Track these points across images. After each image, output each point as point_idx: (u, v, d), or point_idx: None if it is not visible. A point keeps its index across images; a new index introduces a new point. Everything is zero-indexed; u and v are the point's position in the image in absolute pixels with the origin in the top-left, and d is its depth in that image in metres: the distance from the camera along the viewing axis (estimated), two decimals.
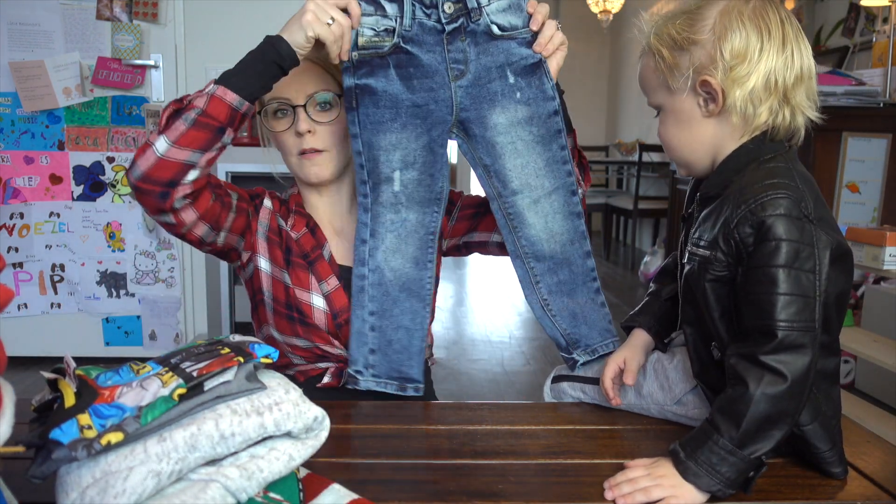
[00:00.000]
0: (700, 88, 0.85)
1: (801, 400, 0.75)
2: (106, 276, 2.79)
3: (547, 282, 1.08)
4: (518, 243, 1.07)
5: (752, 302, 0.78)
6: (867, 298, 2.47)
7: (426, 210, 1.07)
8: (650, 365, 0.99)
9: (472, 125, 1.03)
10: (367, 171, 1.04)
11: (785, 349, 0.74)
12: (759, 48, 0.81)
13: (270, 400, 0.64)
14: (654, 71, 0.89)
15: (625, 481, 0.77)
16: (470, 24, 0.97)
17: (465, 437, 0.91)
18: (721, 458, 0.74)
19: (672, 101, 0.88)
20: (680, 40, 0.85)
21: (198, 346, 0.71)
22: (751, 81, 0.81)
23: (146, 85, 2.69)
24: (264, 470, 0.63)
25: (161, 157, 0.90)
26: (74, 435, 0.56)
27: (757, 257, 0.77)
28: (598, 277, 1.10)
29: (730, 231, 0.79)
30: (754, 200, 0.78)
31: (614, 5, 6.02)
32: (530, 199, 1.05)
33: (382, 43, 0.97)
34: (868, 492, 0.78)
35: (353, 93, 1.00)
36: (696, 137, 0.88)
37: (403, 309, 1.08)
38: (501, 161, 1.04)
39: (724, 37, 0.82)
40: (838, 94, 2.63)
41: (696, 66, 0.84)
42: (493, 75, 1.00)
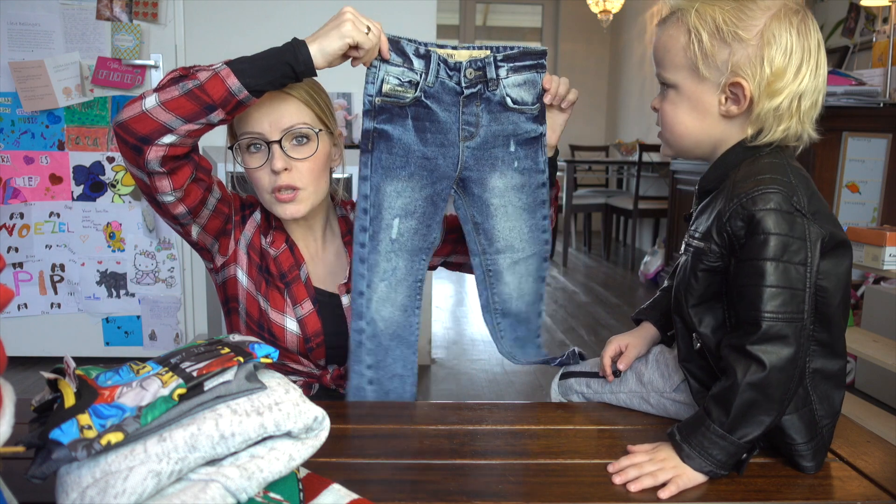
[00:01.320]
0: (728, 87, 0.84)
1: (786, 388, 0.78)
2: (106, 276, 2.80)
3: (508, 337, 1.17)
4: (491, 298, 1.14)
5: (741, 294, 0.80)
6: (867, 298, 2.47)
7: (416, 258, 1.09)
8: (652, 355, 1.03)
9: (471, 184, 1.08)
10: (371, 217, 1.04)
11: (769, 339, 0.77)
12: (798, 68, 0.81)
13: (270, 400, 0.64)
14: (685, 49, 0.85)
15: (630, 466, 0.81)
16: (486, 91, 1.04)
17: (465, 437, 0.91)
18: (712, 441, 0.78)
19: (693, 87, 0.86)
20: (725, 31, 0.82)
21: (198, 346, 0.71)
22: (781, 97, 0.82)
23: (146, 85, 2.69)
24: (264, 470, 0.63)
25: (145, 111, 0.91)
26: (74, 435, 0.56)
27: (747, 250, 0.80)
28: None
29: (722, 224, 0.82)
30: (745, 195, 0.80)
31: (614, 5, 6.02)
32: (511, 260, 1.13)
33: (405, 94, 1.01)
34: (868, 492, 0.78)
35: (371, 136, 1.02)
36: (704, 130, 0.88)
37: (395, 357, 1.09)
38: (492, 221, 1.10)
39: (770, 43, 0.81)
40: (838, 94, 2.64)
41: (734, 63, 0.82)
42: (498, 142, 1.07)
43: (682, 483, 0.78)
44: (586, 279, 4.88)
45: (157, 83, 0.93)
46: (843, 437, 0.92)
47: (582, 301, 4.16)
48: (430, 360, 2.93)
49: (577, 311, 3.89)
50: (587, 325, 3.59)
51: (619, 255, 5.88)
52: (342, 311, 1.14)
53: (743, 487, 0.79)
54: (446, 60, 1.02)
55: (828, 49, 3.45)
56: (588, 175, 6.63)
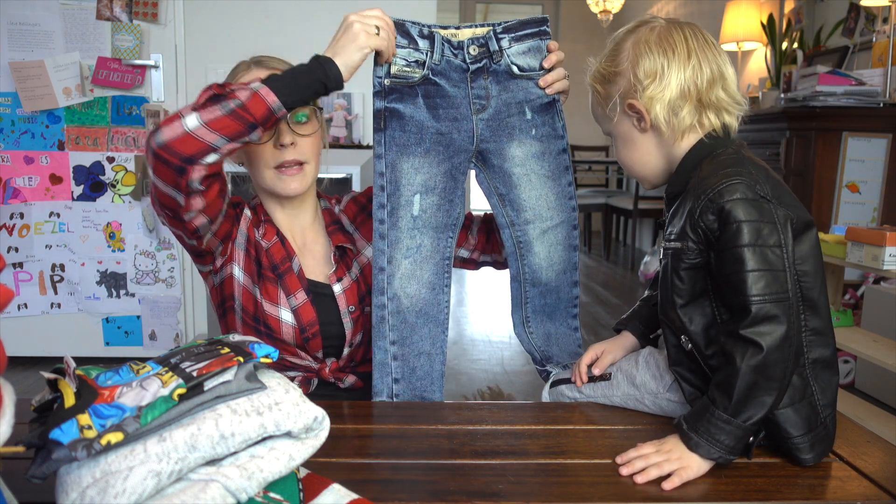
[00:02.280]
0: (629, 111, 0.96)
1: (784, 366, 0.80)
2: (106, 276, 2.79)
3: (534, 303, 1.16)
4: (521, 269, 1.14)
5: (726, 282, 0.84)
6: (867, 298, 2.47)
7: (441, 235, 1.09)
8: (642, 358, 1.04)
9: (490, 156, 1.09)
10: (388, 193, 1.06)
11: (760, 321, 0.80)
12: (666, 65, 0.92)
13: (270, 400, 0.64)
14: (596, 104, 1.01)
15: (637, 457, 0.83)
16: (492, 64, 1.06)
17: (465, 437, 0.91)
18: (718, 427, 0.81)
19: (613, 126, 0.99)
20: (606, 74, 0.98)
21: (197, 346, 0.71)
22: (666, 95, 0.92)
23: (146, 85, 2.69)
24: (264, 470, 0.63)
25: (189, 132, 0.91)
26: (74, 435, 0.56)
27: (723, 240, 0.84)
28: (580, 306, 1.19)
29: (695, 220, 0.86)
30: (712, 189, 0.85)
31: (614, 5, 6.03)
32: (540, 230, 1.13)
33: (413, 73, 1.04)
34: (868, 492, 0.78)
35: (383, 115, 1.04)
36: (642, 152, 0.99)
37: (422, 335, 1.10)
38: (517, 191, 1.11)
39: (636, 63, 0.93)
40: (838, 94, 2.64)
41: (622, 92, 0.95)
42: (512, 111, 1.08)
43: (685, 475, 0.80)
44: (586, 279, 4.88)
45: (195, 102, 0.93)
46: (842, 437, 0.92)
47: (582, 301, 4.16)
48: None
49: None
50: (587, 325, 3.59)
51: (619, 255, 5.88)
52: (335, 301, 1.15)
53: (743, 487, 0.79)
54: (449, 40, 1.05)
55: (828, 49, 3.44)
56: (588, 175, 6.63)
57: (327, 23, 3.10)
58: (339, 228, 1.20)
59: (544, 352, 1.16)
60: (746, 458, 0.84)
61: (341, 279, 1.16)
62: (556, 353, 1.17)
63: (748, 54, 4.26)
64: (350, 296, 1.16)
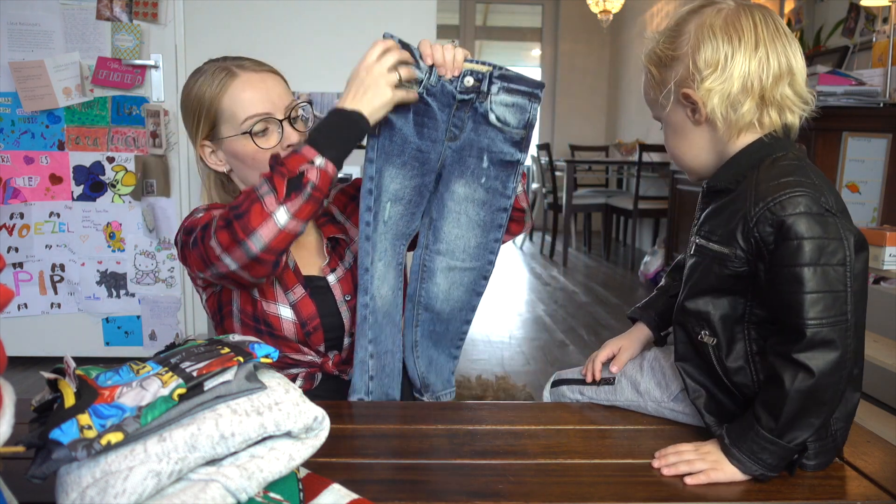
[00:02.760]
0: (684, 100, 0.89)
1: (835, 391, 0.77)
2: (106, 276, 2.79)
3: (423, 327, 1.18)
4: (418, 291, 1.17)
5: (781, 301, 0.79)
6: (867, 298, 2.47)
7: (398, 242, 1.13)
8: (647, 363, 1.02)
9: (441, 181, 1.12)
10: (374, 197, 1.08)
11: (814, 346, 0.76)
12: (730, 55, 0.84)
13: (270, 400, 0.64)
14: (648, 88, 0.94)
15: (672, 453, 0.83)
16: (476, 101, 1.08)
17: (465, 437, 0.91)
18: (762, 447, 0.78)
19: (665, 114, 0.92)
20: (664, 57, 0.90)
21: (197, 346, 0.71)
22: (726, 87, 0.84)
23: (146, 85, 2.69)
24: (264, 470, 0.63)
25: (283, 228, 0.93)
26: (74, 435, 0.56)
27: (780, 256, 0.78)
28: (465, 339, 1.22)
29: (749, 229, 0.80)
30: (773, 200, 0.79)
31: (614, 5, 6.03)
32: (447, 265, 1.15)
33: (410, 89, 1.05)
34: (868, 492, 0.78)
35: (378, 123, 1.05)
36: (694, 144, 0.92)
37: (387, 334, 1.13)
38: (442, 221, 1.14)
39: (697, 49, 0.85)
40: (838, 94, 2.63)
41: (678, 80, 0.88)
42: (473, 152, 1.10)
43: (714, 476, 0.79)
44: (586, 279, 4.88)
45: (277, 195, 0.93)
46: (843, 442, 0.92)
47: (582, 301, 4.16)
48: None
49: (577, 311, 3.89)
50: (587, 325, 3.59)
51: (619, 255, 5.88)
52: (331, 292, 1.16)
53: (743, 487, 0.79)
54: None
55: (828, 49, 3.44)
56: (588, 175, 6.63)
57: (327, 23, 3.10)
58: (330, 220, 1.21)
59: (425, 378, 1.19)
60: (789, 473, 0.82)
61: (335, 269, 1.17)
62: (433, 382, 1.20)
63: None
64: (345, 285, 1.17)
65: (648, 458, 0.85)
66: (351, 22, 2.78)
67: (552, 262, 5.59)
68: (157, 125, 2.68)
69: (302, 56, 2.73)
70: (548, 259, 5.76)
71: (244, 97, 1.09)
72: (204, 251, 0.97)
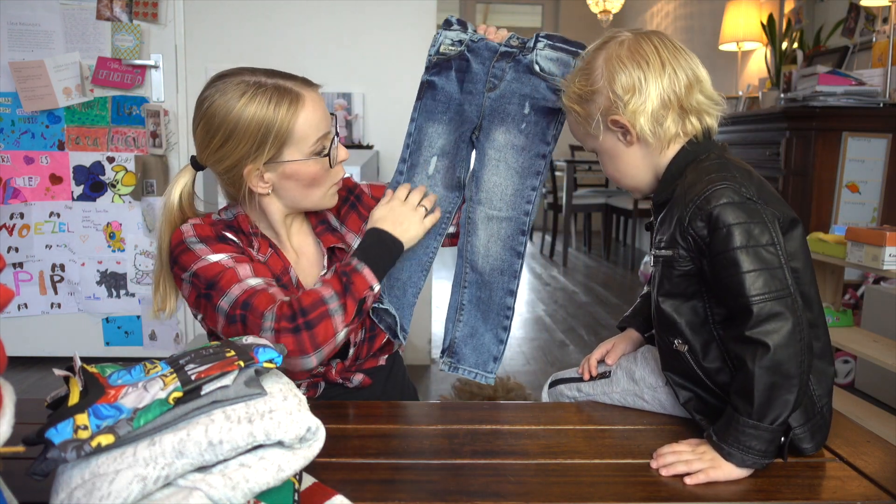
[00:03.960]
0: (613, 126, 0.95)
1: (798, 362, 0.80)
2: (106, 275, 2.80)
3: (471, 291, 1.18)
4: (465, 246, 1.18)
5: (724, 287, 0.84)
6: (867, 298, 2.47)
7: (449, 194, 1.18)
8: (640, 354, 1.06)
9: (481, 132, 1.15)
10: (410, 151, 1.18)
11: (764, 320, 0.80)
12: (642, 78, 0.91)
13: (265, 407, 0.63)
14: (576, 124, 1.01)
15: (670, 453, 0.85)
16: (519, 55, 1.12)
17: (465, 437, 0.91)
18: (747, 434, 0.80)
19: (598, 144, 0.99)
20: (583, 94, 0.97)
21: (207, 348, 0.70)
22: (648, 106, 0.92)
23: (146, 85, 2.69)
24: (250, 480, 0.61)
25: (338, 345, 1.00)
26: (67, 435, 0.56)
27: (715, 245, 0.84)
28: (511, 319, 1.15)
29: (684, 228, 0.86)
30: (699, 197, 0.86)
31: (614, 5, 6.03)
32: (486, 215, 1.16)
33: (453, 51, 1.14)
34: (868, 492, 0.78)
35: (424, 86, 1.16)
36: (630, 164, 0.98)
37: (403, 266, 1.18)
38: (484, 171, 1.15)
39: (612, 80, 0.93)
40: (838, 94, 2.63)
41: (602, 110, 0.95)
42: (514, 100, 1.13)
43: (713, 475, 0.81)
44: (586, 279, 4.88)
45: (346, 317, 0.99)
46: (843, 437, 0.92)
47: (582, 301, 4.16)
48: (429, 360, 2.93)
49: (577, 311, 3.89)
50: (587, 325, 3.59)
51: (619, 255, 5.88)
52: None
53: (743, 487, 0.79)
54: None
55: (828, 49, 3.44)
56: (588, 175, 6.63)
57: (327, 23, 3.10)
58: (328, 228, 1.18)
59: (457, 345, 1.16)
60: (782, 459, 0.84)
61: None
62: (466, 354, 1.15)
63: (748, 54, 4.26)
64: None
65: (648, 458, 0.85)
66: (350, 22, 2.78)
67: (552, 262, 5.58)
68: (157, 125, 2.68)
69: (301, 56, 2.73)
70: (548, 259, 5.76)
71: (315, 119, 1.04)
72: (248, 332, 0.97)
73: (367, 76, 2.85)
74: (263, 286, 1.00)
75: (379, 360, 1.19)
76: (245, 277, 1.00)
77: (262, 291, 0.98)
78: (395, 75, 2.80)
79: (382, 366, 1.18)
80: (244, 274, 1.01)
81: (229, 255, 1.03)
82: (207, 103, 1.04)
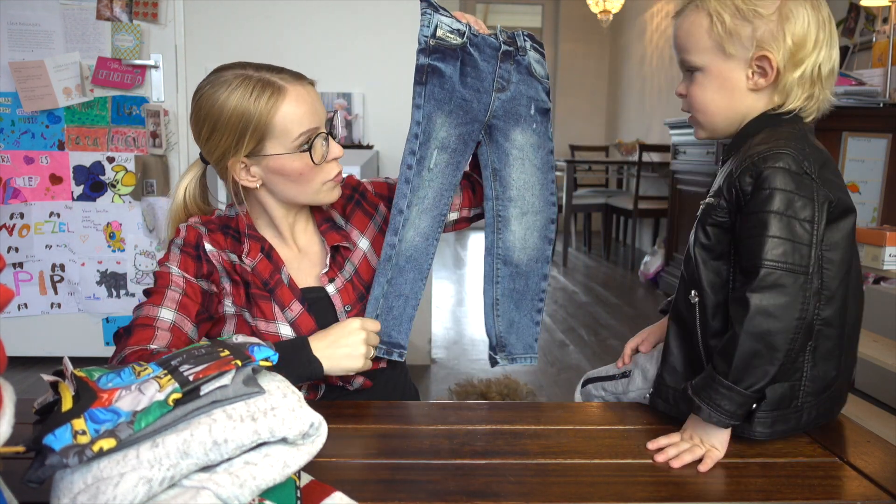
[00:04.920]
0: (755, 61, 0.88)
1: (788, 338, 0.79)
2: (106, 275, 2.79)
3: (504, 285, 1.20)
4: (496, 243, 1.19)
5: (745, 245, 0.83)
6: (867, 298, 2.46)
7: (445, 193, 1.16)
8: (656, 352, 1.05)
9: (496, 132, 1.16)
10: (420, 142, 1.12)
11: (768, 287, 0.79)
12: (816, 37, 0.87)
13: (266, 405, 0.63)
14: (708, 32, 0.90)
15: (670, 446, 0.86)
16: (517, 55, 1.14)
17: (465, 437, 0.91)
18: (720, 394, 0.81)
19: (720, 66, 0.90)
20: (745, 10, 0.87)
21: (199, 348, 0.70)
22: (804, 67, 0.87)
23: (146, 85, 2.69)
24: (257, 477, 0.62)
25: None
26: (67, 441, 0.55)
27: (752, 204, 0.82)
28: (545, 300, 1.23)
29: (732, 180, 0.84)
30: (758, 154, 0.84)
31: (614, 5, 6.02)
32: (520, 210, 1.19)
33: (454, 39, 1.11)
34: (868, 492, 0.78)
35: (426, 70, 1.10)
36: (733, 105, 0.91)
37: (406, 278, 1.15)
38: (509, 170, 1.18)
39: (789, 19, 0.86)
40: (838, 94, 2.63)
41: (759, 39, 0.87)
42: (523, 102, 1.16)
43: (714, 456, 0.82)
44: (586, 279, 4.88)
45: None
46: (843, 437, 0.92)
47: (582, 301, 4.16)
48: (429, 360, 2.93)
49: (577, 311, 3.89)
50: (587, 325, 3.59)
51: (619, 255, 5.88)
52: (331, 302, 1.13)
53: (743, 487, 0.79)
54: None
55: None
56: (588, 175, 6.63)
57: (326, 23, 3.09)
58: (332, 226, 1.18)
59: (503, 339, 1.21)
60: (748, 423, 0.85)
61: (333, 280, 1.14)
62: (513, 343, 1.21)
63: None
64: (345, 295, 1.13)
65: (648, 458, 0.85)
66: (350, 22, 2.78)
67: (552, 262, 5.58)
68: (157, 125, 2.68)
69: (302, 56, 2.73)
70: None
71: (297, 113, 1.04)
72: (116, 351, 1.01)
73: (367, 76, 2.85)
74: (165, 323, 1.02)
75: (380, 363, 1.18)
76: (164, 305, 1.03)
77: (150, 329, 1.00)
78: (395, 75, 2.79)
79: (384, 368, 1.17)
80: (168, 302, 1.03)
81: (183, 276, 1.06)
82: (198, 95, 1.07)
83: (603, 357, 3.07)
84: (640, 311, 3.92)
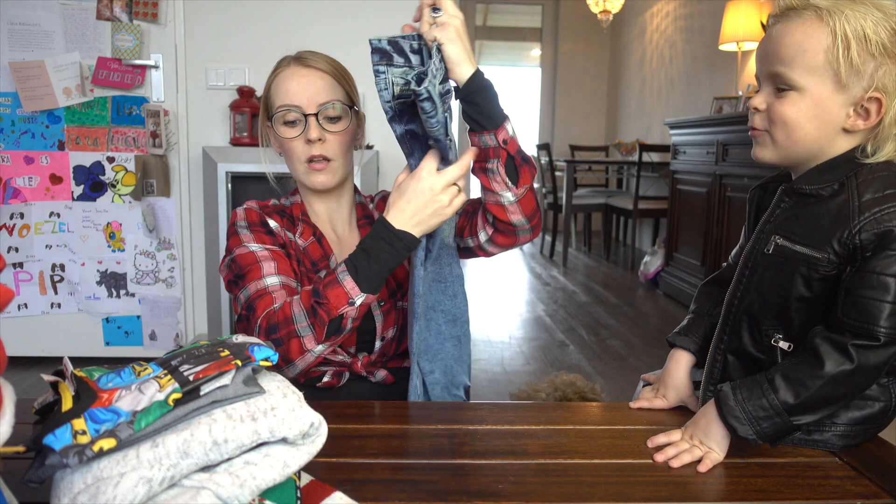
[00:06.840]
0: (864, 102, 0.80)
1: (860, 391, 0.80)
2: (106, 276, 2.80)
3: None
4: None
5: (856, 303, 0.79)
6: None
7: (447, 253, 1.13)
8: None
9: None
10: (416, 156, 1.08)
11: (874, 349, 0.78)
12: None
13: (266, 405, 0.63)
14: (826, 53, 0.79)
15: (668, 445, 0.86)
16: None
17: (465, 437, 0.91)
18: (768, 415, 0.80)
19: (824, 94, 0.81)
20: (874, 42, 0.77)
21: (199, 348, 0.70)
22: None
23: (146, 85, 2.69)
24: (257, 477, 0.62)
25: (318, 355, 1.01)
26: (67, 441, 0.55)
27: (873, 262, 0.78)
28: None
29: (851, 235, 0.79)
30: (880, 210, 0.78)
31: (614, 5, 6.03)
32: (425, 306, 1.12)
33: (407, 91, 0.99)
34: (868, 492, 0.78)
35: (406, 140, 1.05)
36: (821, 139, 0.83)
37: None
38: None
39: None
40: None
41: (879, 79, 0.78)
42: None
43: (713, 459, 0.83)
44: (586, 279, 4.88)
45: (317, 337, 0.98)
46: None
47: (582, 301, 4.16)
48: None
49: (577, 311, 3.89)
50: (587, 325, 3.59)
51: (619, 255, 5.88)
52: None
53: (743, 487, 0.79)
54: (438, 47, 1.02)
55: None
56: (588, 175, 6.64)
57: (326, 24, 3.09)
58: (370, 223, 1.22)
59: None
60: (772, 446, 0.86)
61: None
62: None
63: (748, 54, 4.26)
64: None
65: (648, 458, 0.85)
66: (349, 23, 2.78)
67: (552, 262, 5.58)
68: (157, 125, 2.68)
69: None
70: (548, 259, 5.76)
71: (282, 88, 1.12)
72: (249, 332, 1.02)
73: (368, 76, 2.84)
74: (276, 286, 1.04)
75: (404, 362, 1.19)
76: (267, 275, 1.05)
77: (268, 295, 1.03)
78: None
79: (408, 367, 1.18)
80: (267, 271, 1.06)
81: (265, 247, 1.09)
82: None
83: (603, 357, 3.07)
84: (640, 311, 3.92)
